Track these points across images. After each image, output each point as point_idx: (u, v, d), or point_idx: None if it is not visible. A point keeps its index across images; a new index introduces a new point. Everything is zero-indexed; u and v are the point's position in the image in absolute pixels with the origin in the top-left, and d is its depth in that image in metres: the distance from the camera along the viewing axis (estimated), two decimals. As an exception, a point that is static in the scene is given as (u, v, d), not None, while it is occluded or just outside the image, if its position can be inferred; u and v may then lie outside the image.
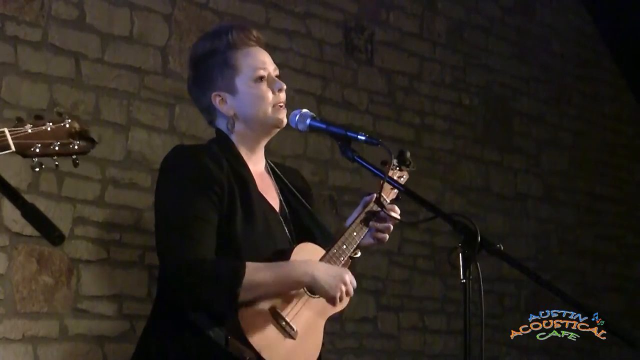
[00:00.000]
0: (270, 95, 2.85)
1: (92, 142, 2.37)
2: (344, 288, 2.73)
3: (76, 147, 2.35)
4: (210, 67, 2.86)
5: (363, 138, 2.76)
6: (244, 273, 2.63)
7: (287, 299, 2.74)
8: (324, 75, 5.33)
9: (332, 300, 2.73)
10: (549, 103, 6.77)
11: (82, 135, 2.35)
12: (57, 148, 2.32)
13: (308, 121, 2.83)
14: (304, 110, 2.86)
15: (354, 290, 2.78)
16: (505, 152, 6.40)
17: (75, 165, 2.36)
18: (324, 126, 2.83)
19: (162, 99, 4.55)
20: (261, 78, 2.85)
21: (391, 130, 5.65)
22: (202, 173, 2.74)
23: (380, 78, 5.66)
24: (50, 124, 2.32)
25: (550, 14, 6.83)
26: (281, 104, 2.86)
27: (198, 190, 2.72)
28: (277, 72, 2.90)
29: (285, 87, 2.88)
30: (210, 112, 2.90)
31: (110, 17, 4.38)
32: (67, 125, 2.34)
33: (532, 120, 6.61)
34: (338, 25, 5.46)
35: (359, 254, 2.96)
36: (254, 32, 2.89)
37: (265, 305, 2.70)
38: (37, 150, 2.30)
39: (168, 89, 4.58)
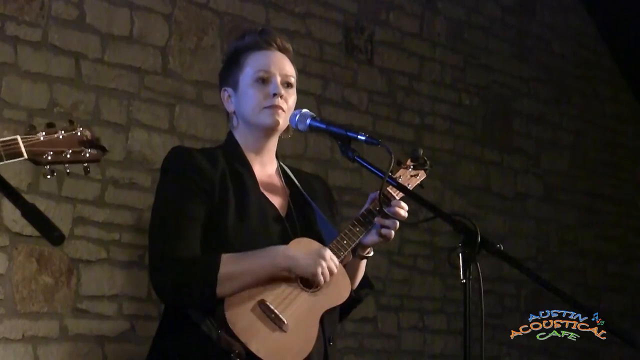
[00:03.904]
0: (262, 97, 2.86)
1: (103, 150, 2.40)
2: (324, 263, 2.74)
3: (87, 155, 2.38)
4: (226, 64, 2.96)
5: (363, 138, 2.76)
6: (219, 266, 2.66)
7: (278, 292, 2.74)
8: (324, 75, 5.33)
9: (315, 278, 2.73)
10: (549, 103, 6.77)
11: (93, 143, 2.38)
12: (68, 156, 2.36)
13: (308, 121, 2.84)
14: (304, 110, 2.87)
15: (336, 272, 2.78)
16: (505, 152, 6.40)
17: (87, 172, 2.41)
18: (324, 126, 2.83)
19: (162, 99, 4.55)
20: (262, 80, 2.87)
21: (391, 130, 5.65)
22: (190, 172, 2.77)
23: (380, 78, 5.66)
24: (63, 132, 2.35)
25: (550, 14, 6.83)
26: (272, 107, 2.85)
27: (184, 189, 2.76)
28: (289, 80, 2.91)
29: (282, 92, 2.87)
30: (226, 112, 2.97)
31: (110, 17, 4.38)
32: (79, 134, 2.38)
33: (532, 120, 6.62)
34: (338, 25, 5.46)
35: (371, 253, 2.96)
36: (278, 38, 2.94)
37: (253, 298, 2.71)
38: (49, 157, 2.33)
39: (168, 89, 4.58)
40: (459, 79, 6.13)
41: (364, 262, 2.96)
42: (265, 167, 2.95)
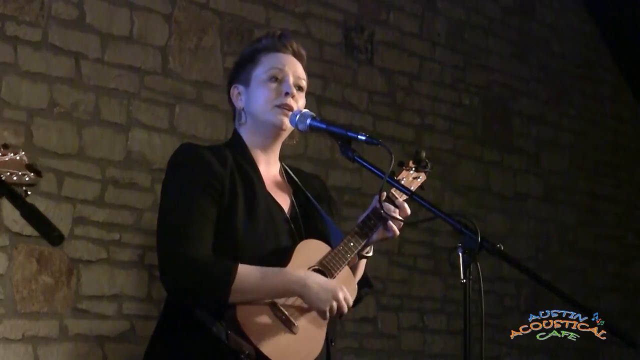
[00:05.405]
0: (274, 95, 2.86)
1: (38, 174, 2.43)
2: (335, 304, 2.72)
3: (27, 178, 2.41)
4: (239, 63, 2.97)
5: (363, 138, 2.75)
6: (234, 277, 2.63)
7: None
8: (324, 75, 5.33)
9: (322, 314, 2.73)
10: (549, 103, 6.77)
11: (31, 167, 2.42)
12: (15, 178, 2.39)
13: (308, 121, 2.83)
14: (304, 110, 2.87)
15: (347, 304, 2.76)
16: (505, 152, 6.40)
17: (26, 195, 2.41)
18: (324, 126, 2.83)
19: (162, 99, 4.55)
20: (275, 78, 2.88)
21: (391, 130, 5.66)
22: (202, 169, 2.75)
23: (380, 78, 5.66)
24: (11, 154, 2.39)
25: (550, 14, 6.83)
26: (282, 107, 2.85)
27: (197, 186, 2.73)
28: (300, 83, 2.92)
29: (294, 92, 2.87)
30: (233, 111, 2.96)
31: (110, 17, 4.38)
32: (19, 158, 2.41)
33: (532, 120, 6.62)
34: (338, 25, 5.46)
35: (370, 253, 2.96)
36: (294, 43, 2.98)
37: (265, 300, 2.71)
38: (3, 177, 2.36)
39: (168, 89, 4.58)
40: (459, 79, 6.13)
41: (364, 261, 2.96)
42: (271, 167, 2.94)
